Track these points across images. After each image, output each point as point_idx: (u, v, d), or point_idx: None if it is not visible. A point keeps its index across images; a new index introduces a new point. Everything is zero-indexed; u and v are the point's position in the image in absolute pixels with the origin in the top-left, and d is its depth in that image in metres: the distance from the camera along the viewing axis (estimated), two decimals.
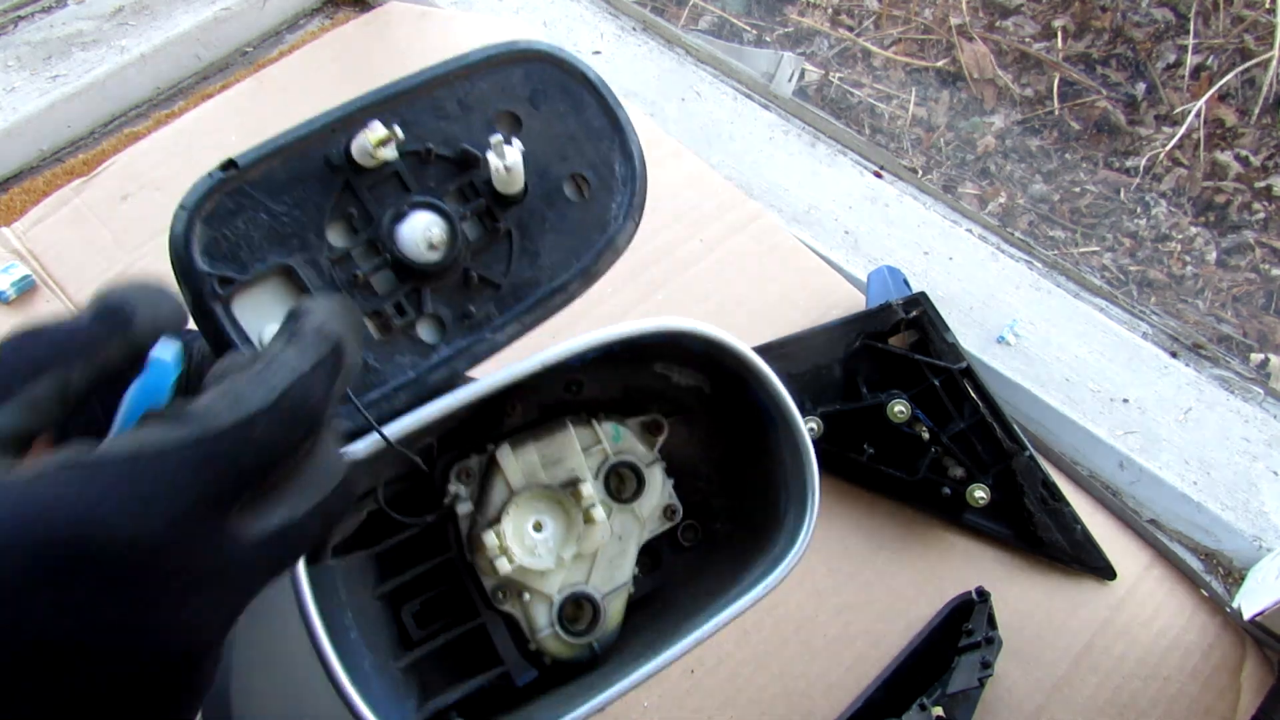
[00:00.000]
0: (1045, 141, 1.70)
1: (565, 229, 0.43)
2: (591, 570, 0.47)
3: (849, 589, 0.78)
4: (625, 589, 0.47)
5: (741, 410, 0.48)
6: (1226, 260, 1.55)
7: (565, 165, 0.43)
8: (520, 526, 0.45)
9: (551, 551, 0.46)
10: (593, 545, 0.46)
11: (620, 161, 0.44)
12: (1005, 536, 0.80)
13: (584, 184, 0.43)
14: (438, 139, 0.41)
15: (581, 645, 0.46)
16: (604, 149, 0.43)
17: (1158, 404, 0.85)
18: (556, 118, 0.43)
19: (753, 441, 0.49)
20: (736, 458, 0.51)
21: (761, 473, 0.49)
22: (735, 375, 0.46)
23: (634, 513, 0.48)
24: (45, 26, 1.14)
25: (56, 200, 1.00)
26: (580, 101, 0.43)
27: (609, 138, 0.43)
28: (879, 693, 0.73)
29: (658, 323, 0.43)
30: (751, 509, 0.50)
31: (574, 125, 0.43)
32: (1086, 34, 1.78)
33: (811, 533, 0.46)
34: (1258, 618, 0.73)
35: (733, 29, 1.84)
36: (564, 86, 0.43)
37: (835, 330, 0.81)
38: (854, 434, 0.79)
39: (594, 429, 0.47)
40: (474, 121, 0.41)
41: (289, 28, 1.21)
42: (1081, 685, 0.75)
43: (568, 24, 1.15)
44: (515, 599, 0.46)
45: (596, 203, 0.44)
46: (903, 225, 0.97)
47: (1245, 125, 1.66)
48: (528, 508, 0.46)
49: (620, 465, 0.48)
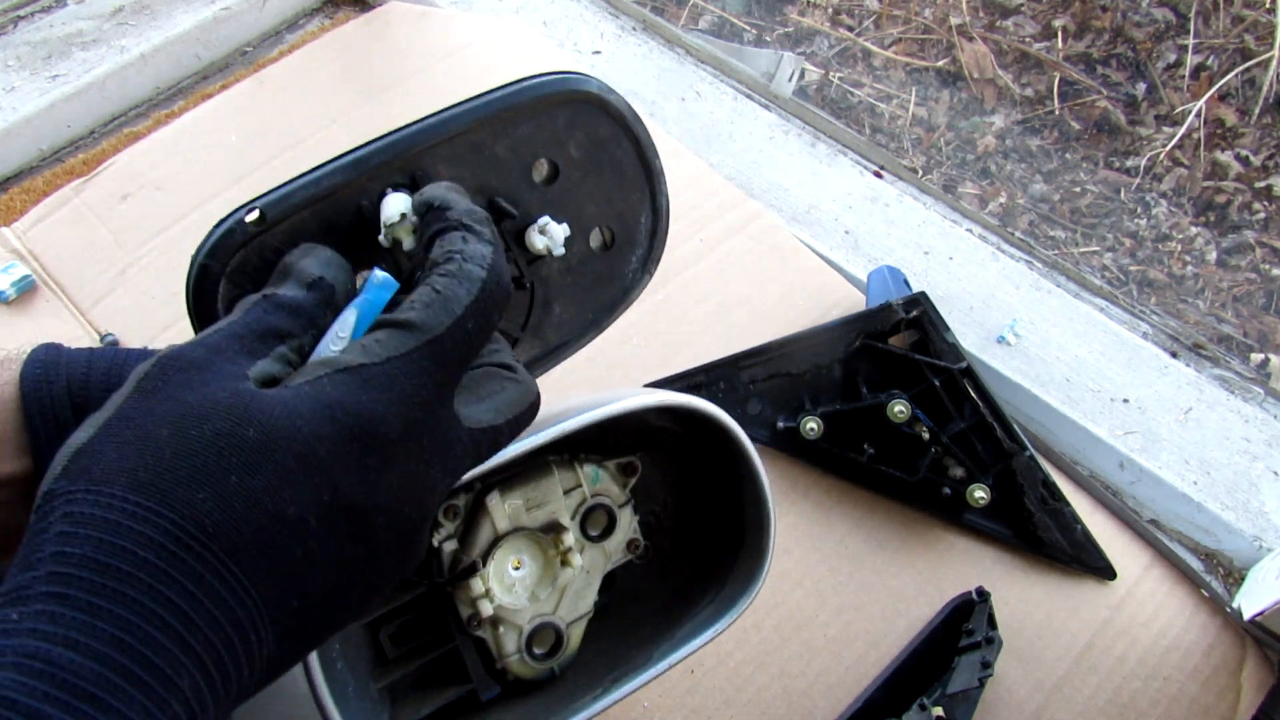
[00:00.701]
0: (1045, 141, 1.70)
1: (584, 282, 0.43)
2: (560, 602, 0.49)
3: (849, 589, 0.78)
4: (587, 616, 0.50)
5: (709, 456, 0.50)
6: (1227, 260, 1.55)
7: (594, 216, 0.42)
8: (502, 566, 0.47)
9: (528, 589, 0.48)
10: (565, 582, 0.49)
11: (647, 214, 0.43)
12: (1005, 536, 0.80)
13: (608, 235, 0.43)
14: (473, 186, 0.39)
15: (544, 668, 0.49)
16: (634, 201, 0.43)
17: (1158, 404, 0.85)
18: (593, 167, 0.41)
19: (714, 483, 0.51)
20: (693, 489, 0.54)
21: (720, 510, 0.52)
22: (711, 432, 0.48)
23: (603, 549, 0.50)
24: (45, 26, 1.14)
25: (56, 200, 1.00)
26: (619, 148, 0.42)
27: (641, 189, 0.43)
28: (879, 693, 0.73)
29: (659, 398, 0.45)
30: (703, 538, 0.53)
31: (609, 175, 0.42)
32: (1087, 34, 1.78)
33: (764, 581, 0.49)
34: (1258, 618, 0.73)
35: (733, 29, 1.84)
36: (606, 131, 0.41)
37: (835, 330, 0.81)
38: (854, 434, 0.79)
39: (576, 471, 0.49)
40: (512, 168, 0.40)
41: (289, 27, 1.21)
42: (1081, 685, 0.75)
43: (568, 24, 1.15)
44: (488, 626, 0.48)
45: (617, 255, 0.43)
46: (903, 225, 0.97)
47: (1245, 125, 1.66)
48: (509, 549, 0.48)
49: (596, 507, 0.50)
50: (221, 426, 0.26)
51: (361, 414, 0.27)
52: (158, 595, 0.23)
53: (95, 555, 0.23)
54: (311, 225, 0.36)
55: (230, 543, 0.24)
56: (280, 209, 0.35)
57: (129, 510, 0.24)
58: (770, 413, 0.82)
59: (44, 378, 0.38)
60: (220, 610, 0.24)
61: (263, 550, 0.25)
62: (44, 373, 0.38)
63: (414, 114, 0.38)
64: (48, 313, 0.92)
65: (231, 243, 0.34)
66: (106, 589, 0.23)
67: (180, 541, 0.24)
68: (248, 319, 0.30)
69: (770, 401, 0.83)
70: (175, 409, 0.26)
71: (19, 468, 0.37)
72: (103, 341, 0.90)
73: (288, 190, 0.35)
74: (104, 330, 0.91)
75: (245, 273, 0.35)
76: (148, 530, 0.24)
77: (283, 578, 0.26)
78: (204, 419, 0.26)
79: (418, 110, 0.38)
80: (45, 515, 0.25)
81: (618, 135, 0.42)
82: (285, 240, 0.35)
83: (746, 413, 0.83)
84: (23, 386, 0.38)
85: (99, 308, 0.92)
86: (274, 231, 0.35)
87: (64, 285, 0.94)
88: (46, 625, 0.22)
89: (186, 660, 0.23)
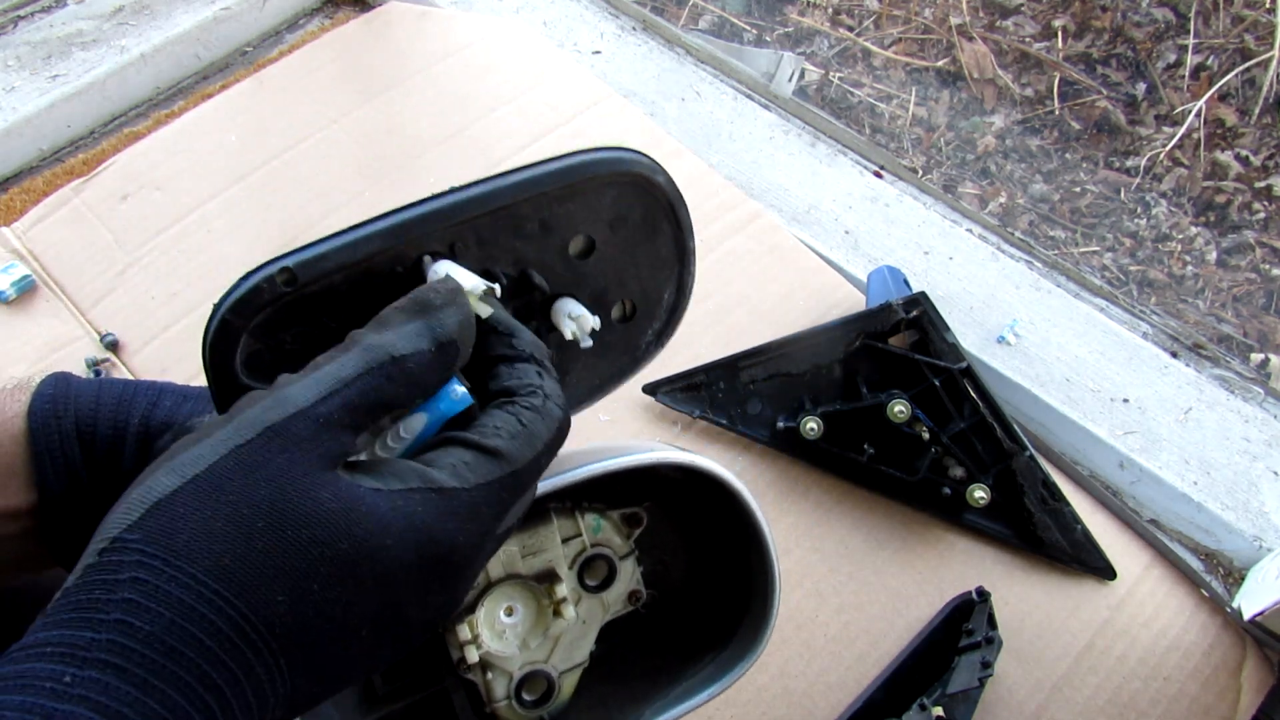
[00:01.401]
0: (1045, 141, 1.70)
1: (598, 350, 0.42)
2: (553, 651, 0.48)
3: (849, 589, 0.78)
4: (582, 666, 0.49)
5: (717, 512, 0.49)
6: (1227, 260, 1.55)
7: (620, 291, 0.42)
8: (492, 613, 0.46)
9: (519, 637, 0.47)
10: (558, 632, 0.48)
11: (671, 292, 0.43)
12: (1005, 536, 0.80)
13: (629, 308, 0.42)
14: (508, 260, 0.38)
15: (533, 716, 0.48)
16: (661, 279, 0.42)
17: (1158, 404, 0.85)
18: (629, 245, 0.41)
19: (723, 537, 0.50)
20: (704, 539, 0.53)
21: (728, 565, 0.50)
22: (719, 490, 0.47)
23: (601, 600, 0.49)
24: (45, 26, 1.14)
25: (56, 200, 1.00)
26: (657, 229, 0.41)
27: (670, 268, 0.42)
28: (879, 693, 0.73)
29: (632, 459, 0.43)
30: (711, 592, 0.52)
31: (642, 254, 0.41)
32: (1087, 34, 1.78)
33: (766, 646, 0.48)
34: (1258, 618, 0.73)
35: (733, 29, 1.84)
36: (648, 210, 0.41)
37: (835, 330, 0.81)
38: (854, 434, 0.79)
39: (576, 520, 0.48)
40: (550, 244, 0.39)
41: (289, 28, 1.21)
42: (1081, 685, 0.75)
43: (568, 24, 1.15)
44: (478, 670, 0.47)
45: (634, 327, 0.43)
46: (903, 225, 0.97)
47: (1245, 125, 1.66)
48: (501, 595, 0.47)
49: (596, 557, 0.49)
50: (320, 535, 0.26)
51: (444, 543, 0.28)
52: (209, 682, 0.24)
53: (163, 635, 0.23)
54: (343, 288, 0.35)
55: (288, 641, 0.25)
56: (312, 272, 0.33)
57: (206, 597, 0.24)
58: (770, 413, 0.82)
59: (53, 412, 0.39)
60: (256, 695, 0.25)
61: (312, 650, 0.26)
62: (53, 407, 0.39)
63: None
64: (48, 312, 0.92)
65: (259, 300, 0.33)
66: (166, 671, 0.23)
67: (245, 636, 0.24)
68: (365, 385, 0.29)
69: (770, 401, 0.83)
70: (274, 499, 0.26)
71: (25, 501, 0.38)
72: (102, 341, 0.90)
73: (322, 252, 0.34)
74: (104, 330, 0.91)
75: (269, 328, 0.34)
76: (219, 621, 0.24)
77: (320, 671, 0.27)
78: (304, 524, 0.26)
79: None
80: (114, 569, 0.24)
81: (659, 216, 0.41)
82: (313, 299, 0.34)
83: (746, 413, 0.83)
84: (30, 421, 0.38)
85: (99, 308, 0.92)
86: (303, 291, 0.34)
87: (64, 285, 0.94)
88: (99, 695, 0.22)
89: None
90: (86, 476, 0.39)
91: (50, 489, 0.38)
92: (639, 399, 0.85)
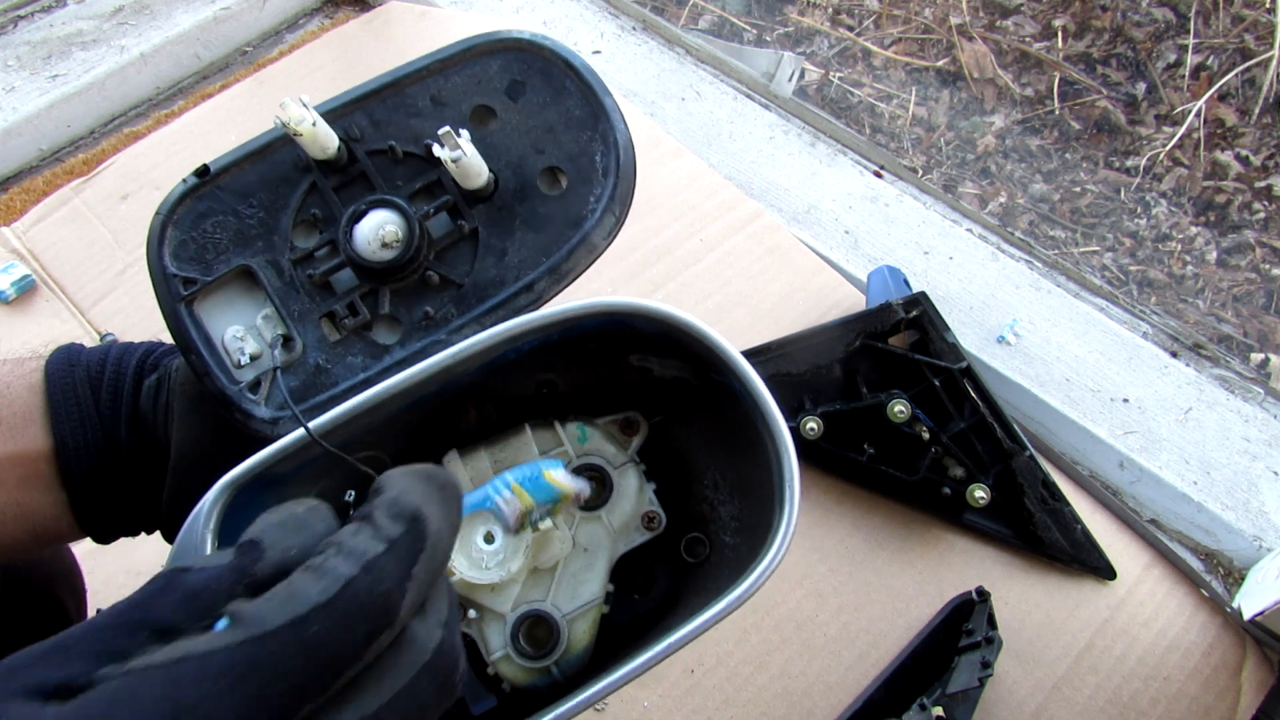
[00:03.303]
0: (1045, 141, 1.70)
1: (536, 225, 0.41)
2: (552, 586, 0.41)
3: (849, 589, 0.78)
4: (593, 609, 0.42)
5: (729, 400, 0.42)
6: (1227, 260, 1.55)
7: (541, 158, 0.41)
8: (468, 537, 0.41)
9: (501, 564, 0.40)
10: (551, 558, 0.41)
11: (601, 152, 0.40)
12: (1005, 536, 0.79)
13: (560, 176, 0.41)
14: (406, 137, 0.40)
15: (539, 670, 0.41)
16: (584, 139, 0.40)
17: (1158, 404, 0.85)
18: (534, 109, 0.41)
19: (746, 435, 0.42)
20: (738, 457, 0.45)
21: (759, 470, 0.42)
22: (707, 360, 0.40)
23: (603, 522, 0.42)
24: (45, 26, 1.14)
25: (56, 200, 1.00)
26: (562, 90, 0.40)
27: (590, 127, 0.40)
28: (879, 692, 0.73)
29: (594, 301, 0.38)
30: (755, 514, 0.43)
31: (553, 116, 0.40)
32: (1087, 34, 1.78)
33: (789, 538, 0.38)
34: (1258, 618, 0.73)
35: (733, 29, 1.84)
36: (546, 75, 0.40)
37: (835, 330, 0.81)
38: (854, 434, 0.78)
39: (556, 431, 0.43)
40: (446, 117, 0.40)
41: (289, 27, 1.21)
42: (1081, 685, 0.75)
43: (568, 23, 1.15)
44: (465, 619, 0.41)
45: (573, 196, 0.41)
46: (903, 225, 0.97)
47: (1245, 125, 1.66)
48: (477, 517, 0.41)
49: (585, 468, 0.42)
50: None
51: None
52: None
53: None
54: (250, 176, 0.40)
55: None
56: (222, 163, 0.39)
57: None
58: None
59: (66, 361, 0.43)
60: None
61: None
62: (67, 357, 0.43)
63: None
64: (47, 312, 0.92)
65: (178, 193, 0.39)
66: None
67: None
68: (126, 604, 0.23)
69: None
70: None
71: (44, 445, 0.41)
72: (102, 340, 0.89)
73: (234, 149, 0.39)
74: (103, 330, 0.91)
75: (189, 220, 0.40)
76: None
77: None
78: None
79: None
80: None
81: (559, 76, 0.41)
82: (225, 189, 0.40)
83: None
84: (47, 369, 0.42)
85: (98, 307, 0.92)
86: (217, 182, 0.39)
87: (64, 285, 0.94)
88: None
89: None
90: (98, 423, 0.42)
91: (65, 435, 0.41)
92: None
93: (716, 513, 0.46)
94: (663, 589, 0.45)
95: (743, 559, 0.41)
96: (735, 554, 0.44)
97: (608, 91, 0.41)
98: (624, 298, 0.38)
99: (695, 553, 0.45)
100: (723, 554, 0.45)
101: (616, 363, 0.43)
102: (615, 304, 0.37)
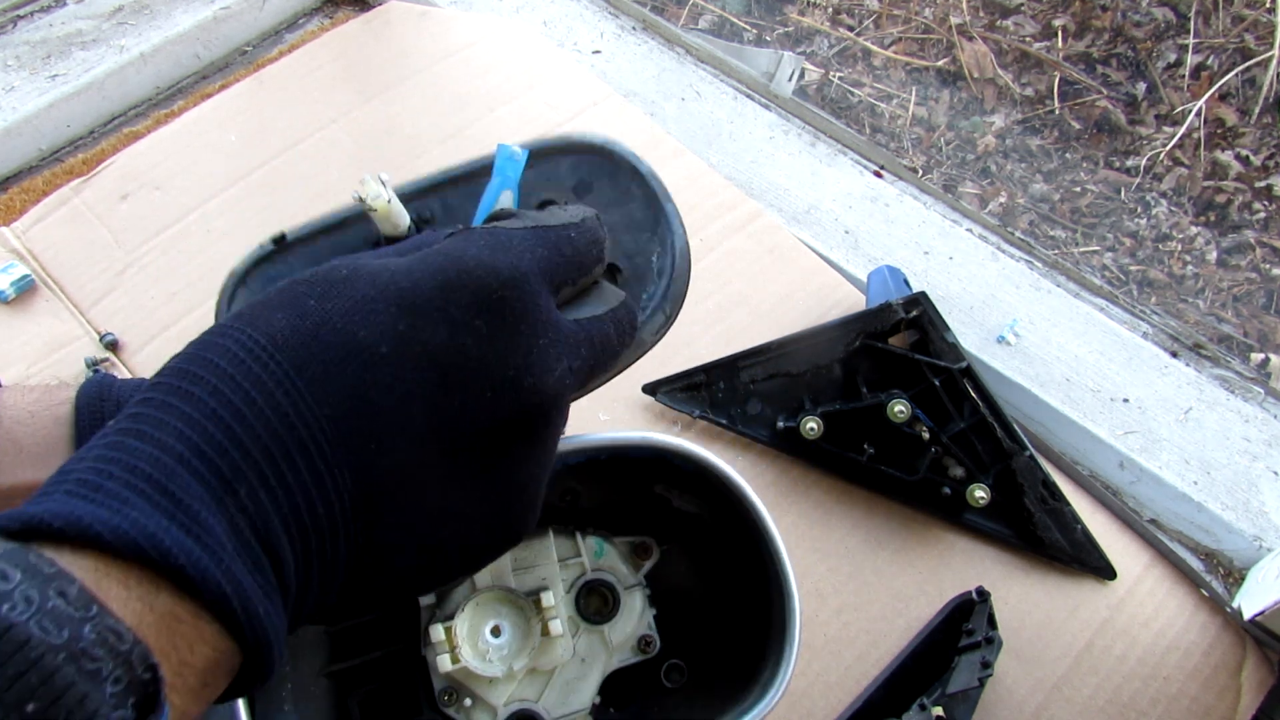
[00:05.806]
0: (1045, 141, 1.70)
1: None
2: (545, 689, 0.43)
3: (849, 589, 0.78)
4: (579, 717, 0.44)
5: (738, 542, 0.45)
6: (1227, 260, 1.55)
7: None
8: (476, 627, 0.42)
9: (504, 660, 0.42)
10: (550, 661, 0.43)
11: (658, 253, 0.42)
12: (1005, 536, 0.79)
13: (617, 275, 0.42)
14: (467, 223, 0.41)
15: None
16: (643, 240, 0.42)
17: (1158, 404, 0.85)
18: (599, 209, 0.41)
19: (749, 577, 0.46)
20: (734, 596, 0.48)
21: (753, 613, 0.46)
22: (728, 501, 0.43)
23: (603, 636, 0.44)
24: (45, 26, 1.14)
25: (56, 200, 0.99)
26: (626, 193, 0.42)
27: (650, 229, 0.42)
28: (879, 693, 0.73)
29: (647, 436, 0.42)
30: (740, 654, 0.46)
31: (616, 216, 0.42)
32: (1087, 33, 1.78)
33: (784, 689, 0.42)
34: (1258, 618, 0.73)
35: (733, 28, 1.84)
36: (613, 177, 0.42)
37: (835, 330, 0.81)
38: (854, 434, 0.78)
39: (576, 541, 0.45)
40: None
41: (289, 27, 1.21)
42: (1081, 685, 0.75)
43: (567, 23, 1.15)
44: (459, 705, 0.43)
45: (628, 293, 0.42)
46: (903, 225, 0.97)
47: (1245, 125, 1.66)
48: (488, 609, 0.43)
49: (597, 583, 0.45)
50: (321, 272, 0.28)
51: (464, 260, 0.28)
52: (222, 398, 0.25)
53: (182, 365, 0.26)
54: (325, 248, 0.41)
55: (296, 356, 0.26)
56: (299, 233, 0.40)
57: (223, 329, 0.27)
58: (770, 413, 0.82)
59: (97, 395, 0.43)
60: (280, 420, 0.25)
61: (327, 367, 0.26)
62: (98, 391, 0.43)
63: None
64: (47, 312, 0.92)
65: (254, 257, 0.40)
66: (180, 390, 0.25)
67: (251, 351, 0.26)
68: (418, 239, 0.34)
69: (770, 401, 0.83)
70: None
71: None
72: (102, 341, 0.89)
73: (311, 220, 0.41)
74: (103, 330, 0.90)
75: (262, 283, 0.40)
76: (227, 343, 0.26)
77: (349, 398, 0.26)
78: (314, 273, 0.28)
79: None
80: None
81: (624, 180, 0.42)
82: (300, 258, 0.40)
83: (746, 412, 0.83)
84: (77, 402, 0.42)
85: (98, 307, 0.92)
86: (291, 250, 0.40)
87: (63, 285, 0.94)
88: (127, 423, 0.25)
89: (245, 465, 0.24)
90: None
91: None
92: (638, 398, 0.85)
93: (702, 644, 0.49)
94: (635, 711, 0.48)
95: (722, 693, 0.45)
96: (713, 687, 0.47)
97: (669, 197, 0.43)
98: (674, 439, 0.42)
99: (672, 679, 0.48)
100: (701, 685, 0.47)
101: (640, 488, 0.47)
102: (665, 443, 0.42)
